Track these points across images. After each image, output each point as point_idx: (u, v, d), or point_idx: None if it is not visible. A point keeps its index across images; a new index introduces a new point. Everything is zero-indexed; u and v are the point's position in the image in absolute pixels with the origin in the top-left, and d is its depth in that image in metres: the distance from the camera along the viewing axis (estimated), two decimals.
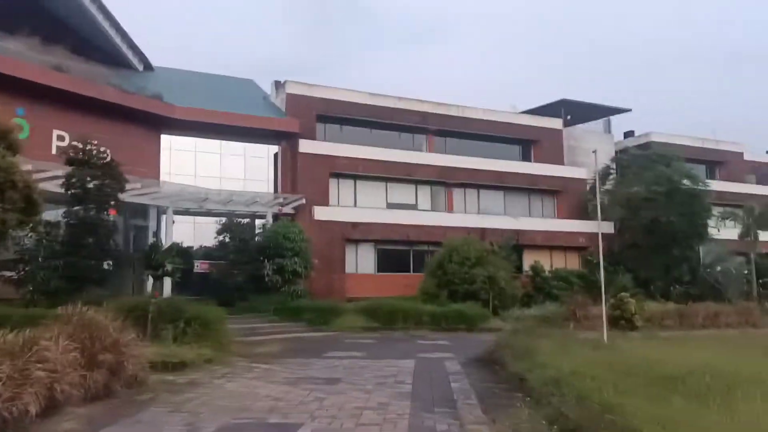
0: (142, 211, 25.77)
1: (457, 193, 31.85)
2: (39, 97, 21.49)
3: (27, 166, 18.22)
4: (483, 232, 28.15)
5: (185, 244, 27.80)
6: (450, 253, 24.74)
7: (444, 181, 30.98)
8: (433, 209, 30.91)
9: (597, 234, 16.85)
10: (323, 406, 7.58)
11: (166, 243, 25.07)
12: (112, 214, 21.46)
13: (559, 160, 34.87)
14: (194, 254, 27.48)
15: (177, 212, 26.07)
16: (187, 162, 27.61)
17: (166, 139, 27.04)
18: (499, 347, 11.47)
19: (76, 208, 17.51)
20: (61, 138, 22.53)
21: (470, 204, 32.06)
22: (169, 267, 11.31)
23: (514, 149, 35.26)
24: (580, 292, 25.36)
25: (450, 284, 23.97)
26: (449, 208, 31.38)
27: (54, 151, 21.51)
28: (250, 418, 6.86)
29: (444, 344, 16.09)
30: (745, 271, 29.78)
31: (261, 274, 22.32)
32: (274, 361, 11.91)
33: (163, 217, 25.45)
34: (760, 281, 28.87)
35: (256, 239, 24.12)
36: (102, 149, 18.31)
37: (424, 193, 31.15)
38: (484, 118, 33.20)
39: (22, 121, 21.38)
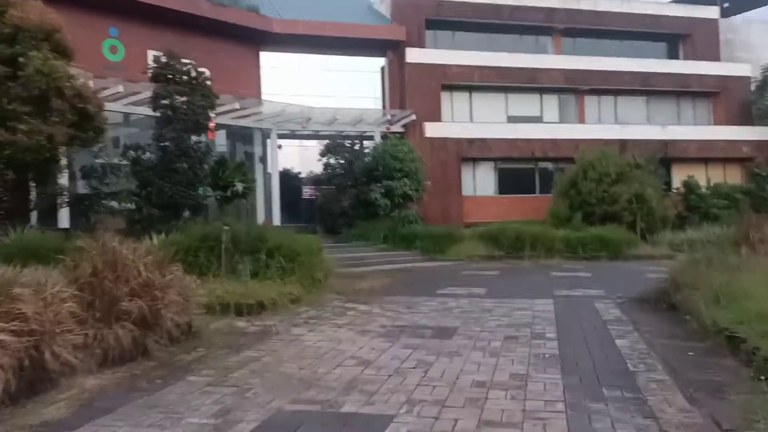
0: (247, 136, 24.31)
1: (590, 101, 27.54)
2: (130, 15, 20.00)
3: (115, 84, 17.03)
4: (623, 145, 23.90)
5: (294, 170, 26.46)
6: (585, 170, 21.21)
7: (574, 87, 26.75)
8: (562, 121, 26.95)
9: (765, 143, 12.73)
10: (428, 379, 5.12)
11: (272, 169, 23.61)
12: (210, 137, 20.04)
13: (714, 57, 29.12)
14: (301, 180, 26.02)
15: (281, 136, 24.40)
16: (288, 81, 25.64)
17: (265, 57, 25.11)
18: (674, 284, 8.41)
19: (164, 129, 15.95)
20: (157, 60, 21.24)
21: (606, 113, 27.68)
22: (239, 186, 9.23)
23: (659, 47, 29.88)
24: (746, 210, 21.00)
25: (585, 205, 20.61)
26: (581, 119, 27.27)
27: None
28: (316, 402, 4.54)
29: (586, 277, 13.14)
30: None
31: (369, 199, 20.16)
32: (375, 300, 9.66)
33: (268, 142, 23.81)
34: None
35: (365, 160, 21.87)
36: (189, 62, 16.45)
37: (551, 103, 27.17)
38: (622, 10, 28.04)
39: (116, 42, 20.16)
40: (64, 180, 14.08)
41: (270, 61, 25.14)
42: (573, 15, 27.16)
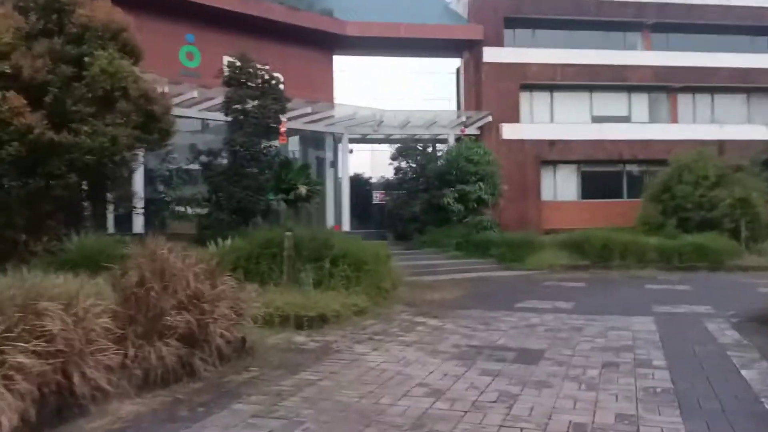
0: (319, 140, 24.05)
1: (684, 99, 25.58)
2: (206, 21, 20.10)
3: (193, 92, 17.08)
4: (721, 146, 21.90)
5: (365, 175, 25.97)
6: (679, 172, 19.52)
7: (666, 85, 24.90)
8: (652, 121, 25.15)
9: None
10: (513, 418, 4.22)
11: (342, 174, 23.18)
12: (282, 142, 19.78)
13: None
14: (372, 185, 25.51)
15: (353, 140, 24.02)
16: (361, 84, 25.20)
17: (338, 61, 24.79)
18: None
19: (235, 134, 15.69)
20: (230, 64, 21.26)
21: (702, 112, 25.62)
22: (302, 190, 8.59)
23: (760, 41, 27.39)
24: None
25: (680, 210, 18.95)
26: (673, 119, 25.34)
27: None
28: None
29: (687, 290, 11.72)
30: None
31: (441, 204, 19.27)
32: (447, 314, 8.79)
33: (340, 146, 23.41)
34: None
35: (437, 163, 21.04)
36: (261, 66, 16.18)
37: (640, 102, 25.41)
38: (719, 3, 25.87)
39: (193, 49, 20.29)
40: (138, 184, 14.06)
41: (343, 64, 24.79)
42: (664, 9, 25.28)
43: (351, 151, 24.28)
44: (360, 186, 24.95)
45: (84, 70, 9.00)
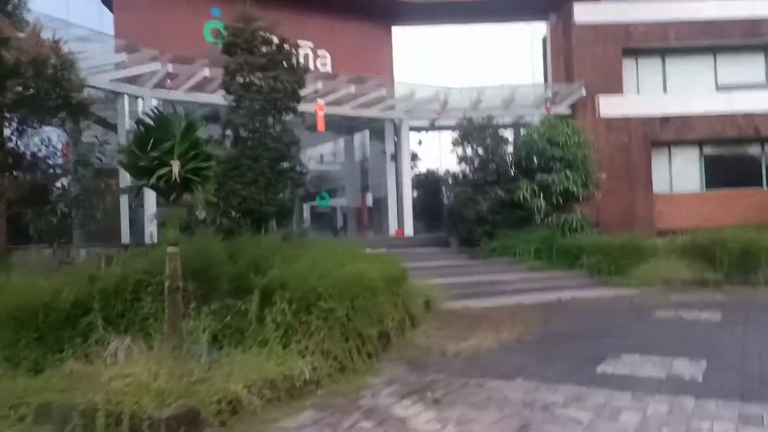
0: (378, 130, 20.54)
1: None
2: None
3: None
4: None
5: (433, 170, 22.17)
6: None
7: None
8: None
9: None
10: None
11: (403, 169, 19.40)
12: (320, 129, 16.41)
13: None
14: (443, 181, 21.62)
15: (417, 128, 20.36)
16: (423, 61, 21.46)
17: (397, 34, 21.24)
18: None
19: (234, 114, 12.34)
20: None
21: None
22: (175, 168, 4.62)
23: None
24: None
25: None
26: None
27: None
28: None
29: None
30: None
31: (515, 199, 15.02)
32: (460, 394, 4.80)
33: (402, 134, 19.64)
34: None
35: (513, 146, 16.81)
36: (268, 31, 12.69)
37: None
38: None
39: (219, 24, 17.41)
40: None
41: (402, 38, 21.17)
42: None
43: (420, 142, 20.76)
44: (427, 183, 21.23)
45: None
